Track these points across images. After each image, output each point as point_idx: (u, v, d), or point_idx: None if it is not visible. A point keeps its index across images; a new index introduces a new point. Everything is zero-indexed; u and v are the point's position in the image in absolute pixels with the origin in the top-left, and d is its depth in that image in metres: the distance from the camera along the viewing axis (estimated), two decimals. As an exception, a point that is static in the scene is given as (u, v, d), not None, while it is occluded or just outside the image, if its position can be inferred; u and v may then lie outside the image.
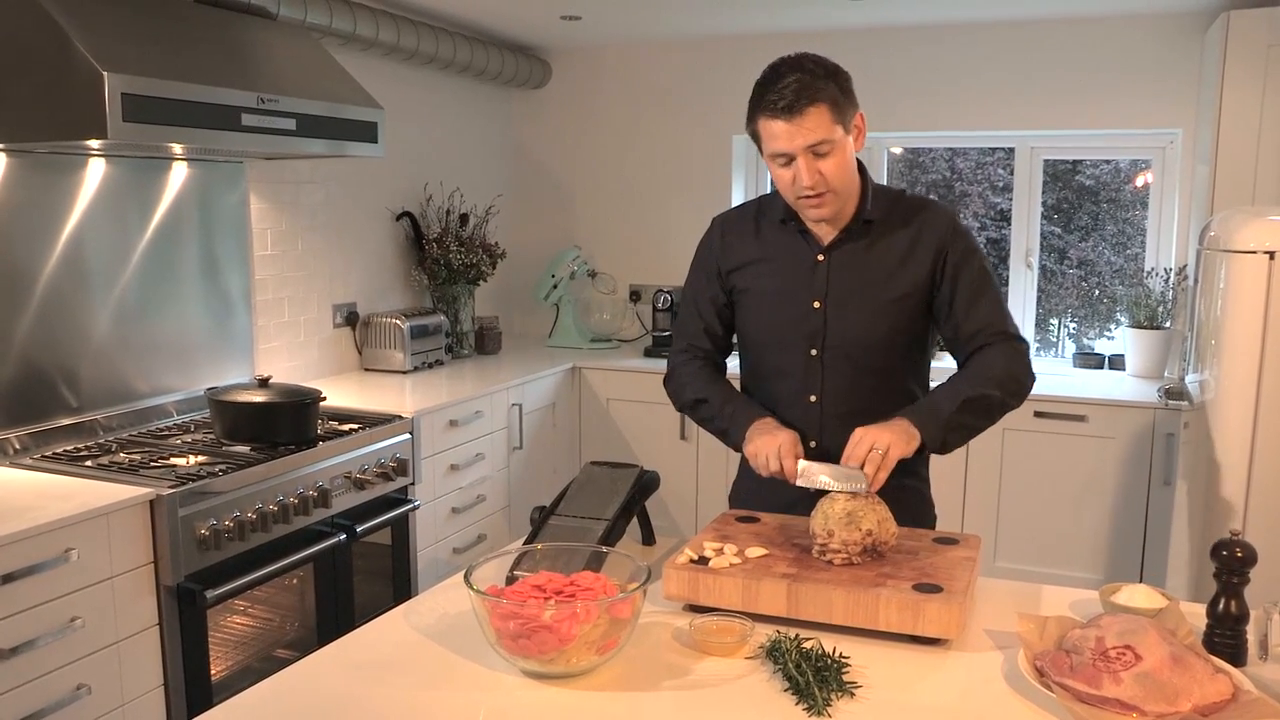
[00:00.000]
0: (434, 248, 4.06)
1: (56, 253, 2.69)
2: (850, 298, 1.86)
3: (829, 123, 1.72)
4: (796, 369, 1.91)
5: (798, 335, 1.90)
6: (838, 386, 1.89)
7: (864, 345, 1.87)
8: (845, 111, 1.75)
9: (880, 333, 1.86)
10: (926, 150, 4.53)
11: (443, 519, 3.39)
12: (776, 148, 1.75)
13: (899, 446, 1.68)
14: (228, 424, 2.73)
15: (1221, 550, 1.42)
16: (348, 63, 3.39)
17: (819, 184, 1.75)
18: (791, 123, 1.71)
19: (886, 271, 1.85)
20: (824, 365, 1.89)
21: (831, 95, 1.72)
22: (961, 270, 1.85)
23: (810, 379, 1.90)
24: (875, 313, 1.86)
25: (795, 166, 1.75)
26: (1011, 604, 1.62)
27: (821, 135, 1.72)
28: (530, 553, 1.60)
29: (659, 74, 4.55)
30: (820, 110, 1.71)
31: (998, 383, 1.81)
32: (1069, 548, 3.67)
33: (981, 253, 1.89)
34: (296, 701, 1.35)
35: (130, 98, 2.26)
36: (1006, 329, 1.85)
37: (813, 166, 1.74)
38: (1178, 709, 1.22)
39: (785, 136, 1.72)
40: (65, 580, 2.13)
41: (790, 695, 1.33)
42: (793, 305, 1.89)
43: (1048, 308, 4.40)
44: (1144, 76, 3.89)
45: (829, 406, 1.89)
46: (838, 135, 1.74)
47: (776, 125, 1.73)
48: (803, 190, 1.76)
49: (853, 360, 1.87)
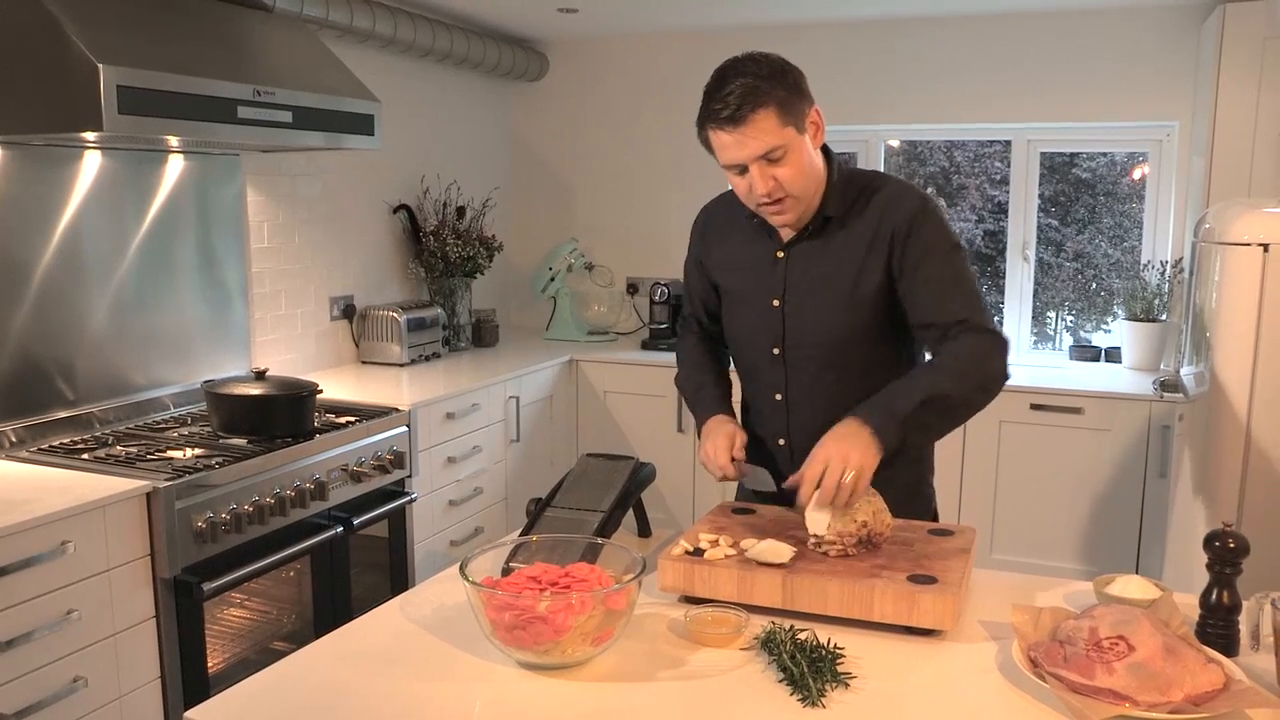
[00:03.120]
0: (431, 240, 4.06)
1: (53, 245, 2.69)
2: (808, 296, 1.81)
3: (777, 127, 1.64)
4: (763, 368, 1.89)
5: (761, 334, 1.87)
6: (802, 384, 1.85)
7: (823, 344, 1.81)
8: (796, 111, 1.67)
9: (840, 331, 1.80)
10: (924, 143, 4.53)
11: (440, 511, 3.40)
12: (727, 159, 1.69)
13: (870, 463, 1.60)
14: (224, 416, 2.73)
15: (1214, 541, 1.43)
16: (344, 55, 3.39)
17: (775, 190, 1.69)
18: (738, 132, 1.64)
19: (846, 268, 1.78)
20: (786, 364, 1.86)
21: (778, 97, 1.64)
22: (925, 260, 1.74)
23: (775, 377, 1.88)
24: (834, 310, 1.79)
25: (749, 175, 1.69)
26: (1006, 595, 1.63)
27: (771, 142, 1.65)
28: (526, 544, 1.61)
29: (656, 66, 4.55)
30: (767, 115, 1.63)
31: (957, 379, 1.69)
32: (1064, 539, 3.68)
33: (951, 239, 1.77)
34: (293, 693, 1.35)
35: (126, 90, 2.25)
36: (976, 320, 1.73)
37: (766, 174, 1.68)
38: (1170, 699, 1.23)
39: (734, 146, 1.66)
40: (62, 573, 2.13)
41: (785, 686, 1.34)
42: (756, 304, 1.87)
43: (1044, 300, 4.41)
44: (1140, 69, 3.89)
45: (795, 405, 1.87)
46: (789, 138, 1.66)
47: (723, 136, 1.66)
48: (759, 199, 1.71)
49: (814, 359, 1.83)
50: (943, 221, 1.78)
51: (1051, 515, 3.69)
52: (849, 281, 1.78)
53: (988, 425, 3.65)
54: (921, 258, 1.74)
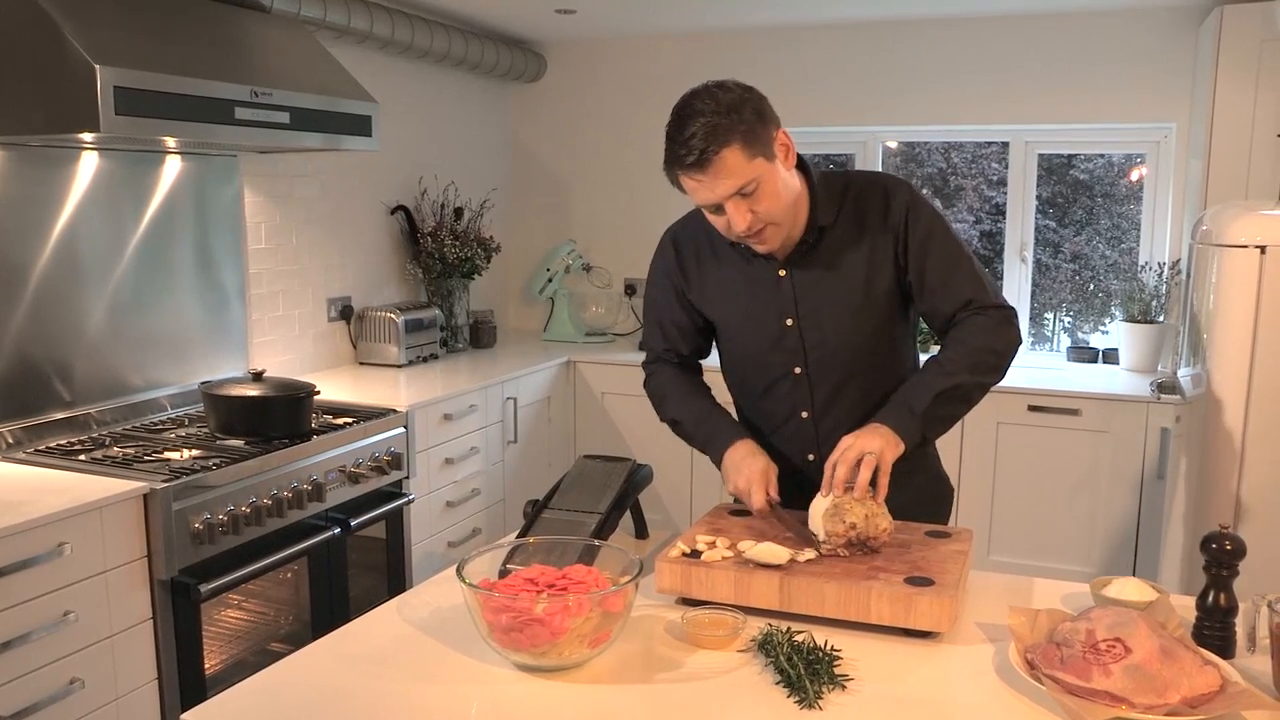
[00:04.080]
0: (429, 242, 4.06)
1: (50, 247, 2.69)
2: (822, 309, 1.80)
3: (744, 162, 1.61)
4: (784, 388, 1.86)
5: (776, 356, 1.85)
6: (827, 397, 1.84)
7: (848, 352, 1.81)
8: (761, 141, 1.63)
9: (863, 335, 1.81)
10: (922, 144, 4.53)
11: (437, 513, 3.39)
12: (700, 200, 1.67)
13: (891, 451, 1.65)
14: (222, 418, 2.73)
15: (1211, 544, 1.43)
16: (342, 56, 3.38)
17: (754, 223, 1.67)
18: (705, 175, 1.61)
19: (852, 272, 1.78)
20: (810, 380, 1.84)
21: (740, 132, 1.60)
22: (927, 248, 1.76)
23: (799, 396, 1.86)
24: (852, 317, 1.80)
25: (727, 212, 1.66)
26: (1003, 597, 1.63)
27: (740, 180, 1.62)
28: (523, 546, 1.61)
29: (654, 68, 4.55)
30: (733, 153, 1.60)
31: (969, 365, 1.72)
32: (1062, 541, 3.68)
33: (944, 223, 1.79)
34: (290, 695, 1.35)
35: (123, 91, 2.25)
36: (984, 299, 1.76)
37: (742, 209, 1.65)
38: (1166, 701, 1.23)
39: (704, 189, 1.64)
40: (58, 574, 2.13)
41: (782, 688, 1.34)
42: (765, 328, 1.84)
43: (1042, 302, 4.41)
44: (1138, 71, 3.89)
45: (822, 418, 1.86)
46: (759, 170, 1.63)
47: (691, 181, 1.64)
48: (739, 233, 1.69)
49: (839, 369, 1.82)
50: (930, 204, 1.82)
51: (1049, 517, 3.69)
52: (861, 283, 1.79)
53: (985, 427, 3.65)
54: (923, 244, 1.77)
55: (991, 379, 1.76)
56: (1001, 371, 1.77)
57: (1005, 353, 1.76)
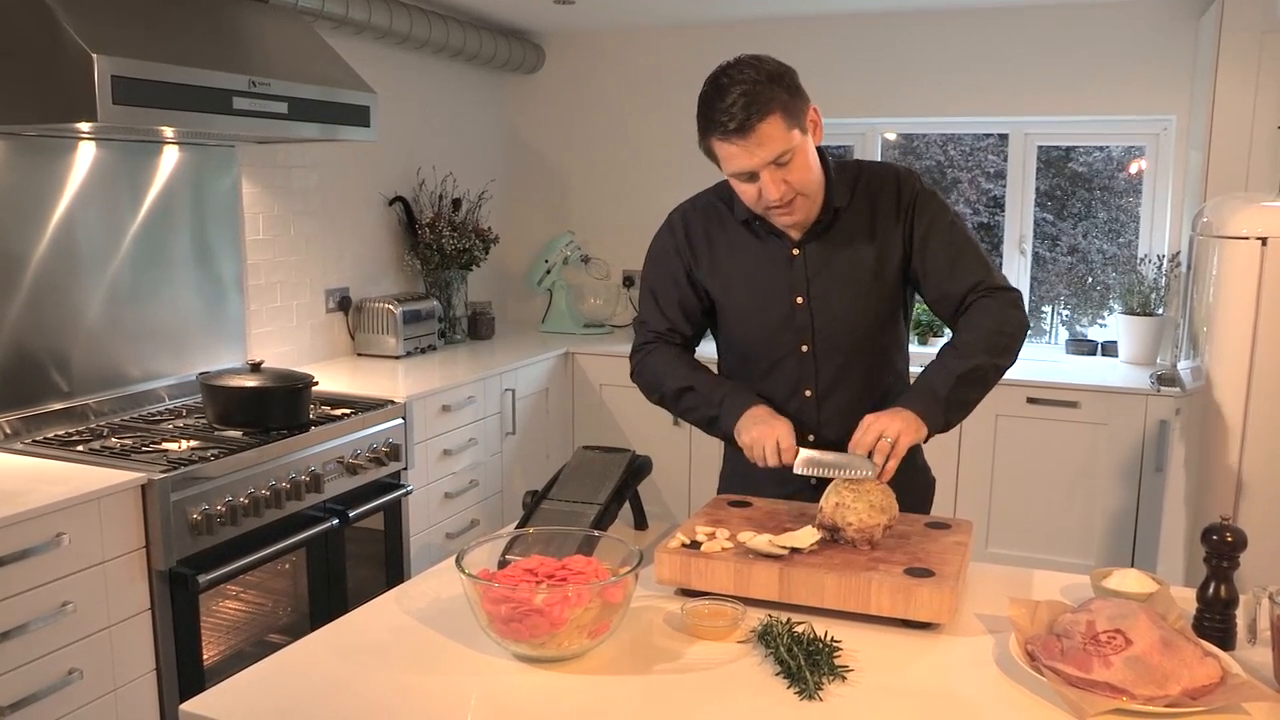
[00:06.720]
0: (427, 233, 4.05)
1: (47, 237, 2.68)
2: (833, 289, 1.83)
3: (784, 131, 1.64)
4: (789, 366, 1.89)
5: (784, 334, 1.87)
6: (832, 376, 1.87)
7: (854, 333, 1.85)
8: (798, 113, 1.67)
9: (868, 317, 1.85)
10: (921, 136, 4.52)
11: (435, 504, 3.39)
12: (735, 168, 1.69)
13: (909, 434, 1.66)
14: (220, 409, 2.72)
15: (1211, 535, 1.43)
16: (340, 47, 3.37)
17: (787, 193, 1.70)
18: (747, 141, 1.64)
19: (861, 253, 1.82)
20: (816, 359, 1.87)
21: (781, 101, 1.64)
22: (932, 233, 1.81)
23: (804, 374, 1.88)
24: (861, 298, 1.84)
25: (760, 181, 1.69)
26: (1003, 588, 1.63)
27: (780, 147, 1.65)
28: (522, 537, 1.61)
29: (653, 59, 4.54)
30: (774, 121, 1.63)
31: (985, 348, 1.75)
32: (1061, 533, 3.69)
33: (950, 210, 1.84)
34: (289, 685, 1.34)
35: (120, 80, 2.24)
36: (989, 281, 1.80)
37: (777, 178, 1.68)
38: (1167, 692, 1.23)
39: (742, 156, 1.66)
40: (57, 565, 2.12)
41: (782, 679, 1.34)
42: (775, 306, 1.86)
43: (1041, 294, 4.41)
44: (1138, 63, 3.88)
45: (825, 398, 1.88)
46: (795, 141, 1.66)
47: (730, 147, 1.66)
48: (770, 203, 1.72)
49: (843, 349, 1.86)
50: (936, 192, 1.86)
51: (1048, 509, 3.69)
52: (871, 266, 1.82)
53: (984, 419, 3.65)
54: (929, 230, 1.81)
55: (1005, 361, 1.78)
56: (1014, 354, 1.79)
57: (1015, 335, 1.79)
